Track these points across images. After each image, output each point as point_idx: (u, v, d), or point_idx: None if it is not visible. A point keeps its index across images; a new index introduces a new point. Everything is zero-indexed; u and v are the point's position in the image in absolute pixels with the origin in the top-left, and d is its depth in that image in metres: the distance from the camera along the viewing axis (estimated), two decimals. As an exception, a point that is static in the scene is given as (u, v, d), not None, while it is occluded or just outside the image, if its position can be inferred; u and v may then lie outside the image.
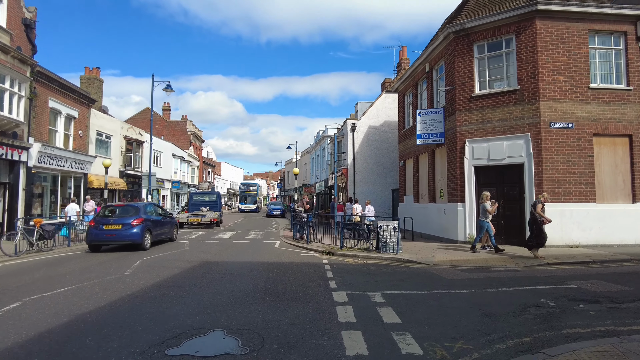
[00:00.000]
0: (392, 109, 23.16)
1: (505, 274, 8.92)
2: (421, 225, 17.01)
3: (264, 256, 11.89)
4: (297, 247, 14.30)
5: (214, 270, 9.37)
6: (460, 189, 14.01)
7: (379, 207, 23.14)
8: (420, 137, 15.58)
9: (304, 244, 14.55)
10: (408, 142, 19.49)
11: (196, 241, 16.12)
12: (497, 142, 13.34)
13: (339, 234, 13.44)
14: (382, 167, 23.20)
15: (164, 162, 37.09)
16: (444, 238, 14.95)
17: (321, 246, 13.83)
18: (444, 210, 15.07)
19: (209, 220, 23.16)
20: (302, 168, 48.98)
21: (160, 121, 53.52)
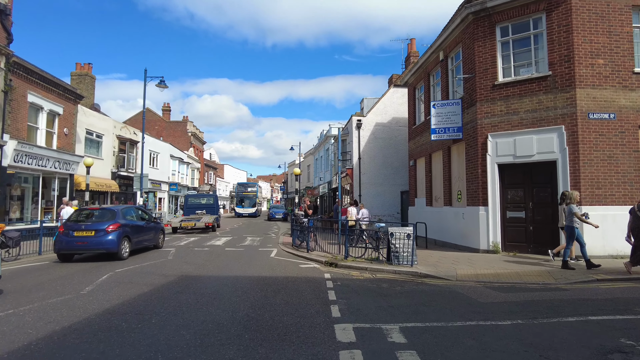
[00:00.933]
0: (401, 104, 21.48)
1: (549, 294, 7.18)
2: (435, 231, 15.27)
3: (256, 268, 10.21)
4: (296, 257, 12.62)
5: (190, 288, 7.70)
6: (482, 191, 12.28)
7: (386, 210, 21.44)
8: (435, 132, 13.86)
9: (304, 253, 12.88)
10: (419, 139, 17.78)
11: (184, 249, 14.48)
12: (524, 137, 11.61)
13: (343, 241, 11.74)
14: (390, 168, 21.51)
15: (161, 164, 35.60)
16: (462, 246, 13.20)
17: (323, 255, 12.15)
18: (462, 215, 13.33)
19: (203, 225, 21.55)
20: (306, 170, 47.32)
21: (160, 122, 52.23)
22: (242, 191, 50.38)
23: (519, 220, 11.83)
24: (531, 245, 11.61)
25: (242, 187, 51.50)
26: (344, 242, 11.69)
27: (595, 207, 10.68)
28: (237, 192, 50.95)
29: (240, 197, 49.40)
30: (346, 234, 11.68)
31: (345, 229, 11.87)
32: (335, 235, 13.96)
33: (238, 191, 50.93)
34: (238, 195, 50.15)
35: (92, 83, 28.02)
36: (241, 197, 49.17)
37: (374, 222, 14.55)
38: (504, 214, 12.06)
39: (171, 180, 37.90)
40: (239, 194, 49.93)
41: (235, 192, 52.81)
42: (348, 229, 12.67)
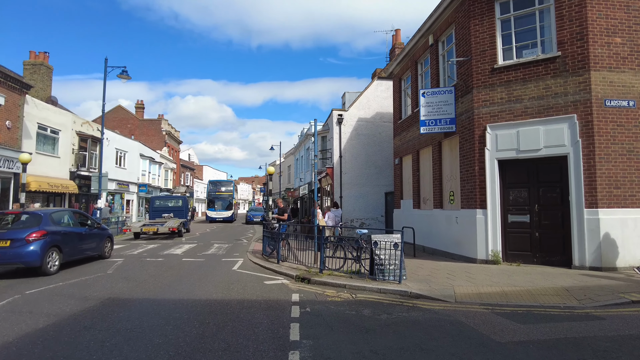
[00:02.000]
0: (386, 98, 19.79)
1: (584, 326, 5.44)
2: (424, 237, 13.55)
3: (208, 287, 8.25)
4: (263, 269, 10.70)
5: (106, 320, 5.72)
6: (479, 191, 10.58)
7: (369, 213, 19.68)
8: (425, 125, 12.14)
9: (274, 264, 11.00)
10: (406, 134, 16.06)
11: (134, 259, 12.38)
12: (529, 128, 9.96)
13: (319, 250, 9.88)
14: (373, 167, 19.77)
15: (129, 163, 33.15)
16: (456, 255, 11.49)
17: (296, 268, 10.29)
18: (456, 219, 11.62)
19: (167, 230, 19.37)
20: (286, 171, 45.37)
21: (133, 120, 49.55)
22: (214, 191, 41.85)
23: (522, 226, 10.17)
24: (537, 254, 9.95)
25: (214, 186, 42.60)
26: (319, 252, 9.82)
27: (614, 210, 9.08)
28: (209, 192, 42.08)
29: (212, 198, 41.24)
30: (322, 243, 9.81)
31: (320, 236, 9.99)
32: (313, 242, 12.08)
33: (210, 191, 42.09)
34: (210, 195, 41.65)
35: (49, 74, 25.54)
36: (213, 198, 41.07)
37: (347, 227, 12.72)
38: (505, 218, 10.39)
39: (141, 181, 35.42)
40: (211, 194, 41.52)
41: (207, 192, 43.24)
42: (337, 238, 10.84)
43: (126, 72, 21.33)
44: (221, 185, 42.60)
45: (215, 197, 40.89)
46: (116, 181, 30.63)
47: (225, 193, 41.31)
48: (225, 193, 41.33)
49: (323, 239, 9.87)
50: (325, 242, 10.23)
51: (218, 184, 43.03)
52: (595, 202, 9.10)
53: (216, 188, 41.90)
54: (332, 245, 10.47)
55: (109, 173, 29.24)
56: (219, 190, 41.42)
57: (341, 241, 10.28)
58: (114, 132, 36.27)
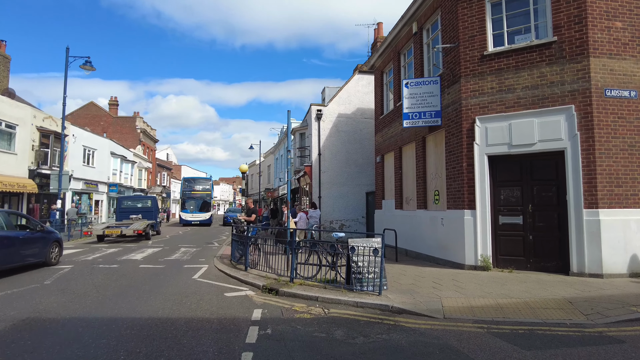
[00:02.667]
0: (367, 93, 18.81)
1: (602, 351, 4.46)
2: (407, 240, 12.57)
3: (157, 301, 7.03)
4: (228, 278, 9.53)
5: (4, 352, 4.47)
6: (467, 190, 9.63)
7: (350, 214, 18.63)
8: (408, 118, 11.14)
9: (241, 272, 9.83)
10: (387, 130, 15.08)
11: (85, 266, 11.01)
12: (523, 120, 9.05)
13: (290, 257, 8.74)
14: (354, 165, 18.75)
15: (99, 162, 31.36)
16: (441, 260, 10.51)
17: (264, 276, 9.15)
18: (441, 221, 10.65)
19: (132, 232, 17.90)
20: (266, 170, 44.07)
21: (106, 117, 47.42)
22: (189, 189, 36.20)
23: (515, 228, 9.25)
24: (531, 259, 9.03)
25: (189, 185, 36.98)
26: (290, 258, 8.69)
27: (615, 211, 8.23)
28: (183, 192, 36.28)
29: (186, 198, 35.46)
30: (292, 248, 8.67)
31: (292, 241, 8.84)
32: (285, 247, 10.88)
33: (184, 190, 36.38)
34: (184, 195, 35.88)
35: (5, 64, 23.72)
36: (188, 198, 35.42)
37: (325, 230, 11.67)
38: (496, 219, 9.46)
39: (112, 180, 33.63)
40: (186, 194, 35.81)
41: (181, 192, 37.47)
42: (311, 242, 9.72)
43: (90, 63, 19.87)
44: (196, 183, 37.43)
45: (190, 197, 35.49)
46: (83, 180, 28.86)
47: (201, 192, 35.89)
48: (202, 192, 35.93)
49: (294, 243, 8.72)
50: (298, 247, 9.09)
51: (193, 182, 37.81)
52: (595, 201, 8.23)
53: (191, 186, 36.77)
54: (306, 250, 9.33)
55: (75, 172, 27.59)
56: (194, 189, 36.22)
57: (315, 246, 9.15)
58: (84, 128, 34.42)
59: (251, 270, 9.93)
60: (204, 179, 39.30)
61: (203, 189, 36.44)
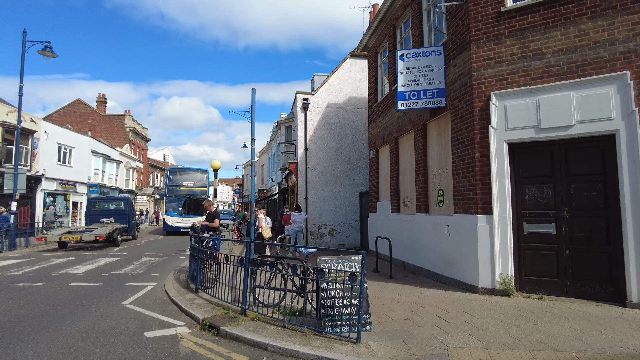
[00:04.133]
0: (361, 80, 16.54)
1: None
2: (404, 250, 10.32)
3: (30, 353, 4.79)
4: (169, 304, 7.38)
5: None
6: (480, 189, 7.34)
7: (341, 218, 16.35)
8: (404, 98, 8.86)
9: (192, 293, 7.67)
10: (382, 120, 12.81)
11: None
12: (555, 95, 6.76)
13: (243, 282, 6.47)
14: (346, 162, 16.48)
15: (77, 161, 29.19)
16: (447, 278, 8.22)
17: (215, 304, 6.97)
18: (447, 228, 8.36)
19: (92, 238, 15.69)
20: (260, 171, 41.86)
21: (94, 115, 45.39)
22: (175, 184, 26.85)
23: (545, 239, 6.95)
24: (569, 282, 6.72)
25: (175, 177, 27.40)
26: (242, 282, 6.42)
27: (690, 217, 5.91)
28: (169, 187, 26.90)
29: (172, 196, 26.54)
30: (247, 268, 6.38)
31: (246, 258, 6.54)
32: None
33: (169, 184, 26.98)
34: (169, 191, 26.74)
35: (-35, 53, 21.52)
36: (174, 196, 26.48)
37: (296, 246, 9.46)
38: (520, 227, 7.16)
39: (93, 180, 31.47)
40: (173, 190, 26.68)
41: (166, 188, 27.55)
42: (255, 257, 7.46)
43: (50, 49, 17.72)
44: (185, 176, 27.46)
45: (176, 195, 26.45)
46: (58, 180, 26.71)
47: (192, 187, 26.62)
48: (194, 187, 26.63)
49: (249, 260, 6.44)
50: (260, 264, 6.79)
51: (180, 174, 27.80)
52: (662, 205, 5.92)
53: (178, 180, 27.08)
54: (270, 267, 7.04)
55: (47, 171, 25.45)
56: (182, 184, 26.78)
57: (274, 265, 6.86)
58: (66, 127, 32.31)
59: (201, 294, 7.73)
60: (196, 170, 28.16)
61: (195, 184, 26.71)
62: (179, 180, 27.31)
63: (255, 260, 6.60)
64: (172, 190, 26.92)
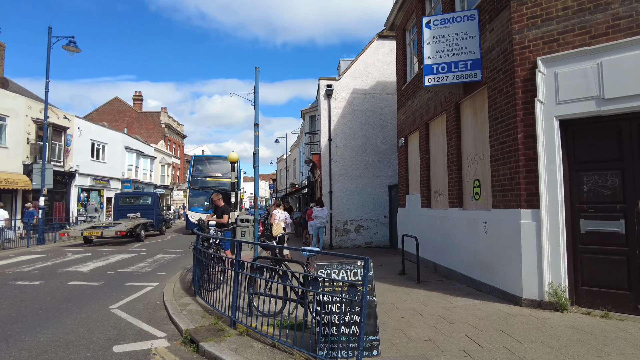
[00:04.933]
0: (389, 63, 15.19)
1: None
2: (436, 250, 9.05)
3: None
4: (159, 309, 6.59)
5: None
6: (524, 177, 5.97)
7: (368, 213, 15.13)
8: (431, 72, 7.55)
9: (189, 297, 6.87)
10: (412, 103, 11.49)
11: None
12: (624, 56, 5.27)
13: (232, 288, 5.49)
14: (373, 152, 15.21)
15: (110, 157, 29.65)
16: (483, 285, 6.89)
17: (208, 311, 6.16)
18: (484, 226, 7.00)
19: (113, 234, 15.42)
20: (292, 165, 41.18)
21: (131, 112, 46.44)
22: (201, 174, 23.56)
23: (610, 240, 5.48)
24: (645, 297, 5.24)
25: (202, 166, 24.08)
26: (232, 290, 5.45)
27: None
28: (193, 177, 23.51)
29: (197, 189, 23.11)
30: (236, 272, 5.40)
31: (235, 260, 5.56)
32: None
33: (193, 175, 23.57)
34: (193, 183, 23.33)
35: (0, 52, 22.09)
36: (199, 189, 23.02)
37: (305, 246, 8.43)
38: (576, 225, 5.73)
39: (127, 176, 31.94)
40: (197, 181, 23.34)
41: (189, 178, 24.04)
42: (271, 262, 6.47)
43: (74, 44, 17.66)
44: (213, 165, 23.85)
45: (202, 187, 22.89)
46: (92, 176, 27.17)
47: (223, 179, 22.56)
48: (224, 179, 22.27)
49: (237, 263, 5.44)
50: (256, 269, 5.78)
51: (207, 163, 24.35)
52: None
53: (204, 170, 23.72)
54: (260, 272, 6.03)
55: (81, 167, 25.88)
56: (209, 174, 23.37)
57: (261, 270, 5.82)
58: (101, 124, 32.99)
59: (199, 298, 6.85)
60: (225, 159, 21.35)
61: (225, 175, 22.24)
62: (205, 170, 23.80)
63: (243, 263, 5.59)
64: (196, 182, 23.28)
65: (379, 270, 9.71)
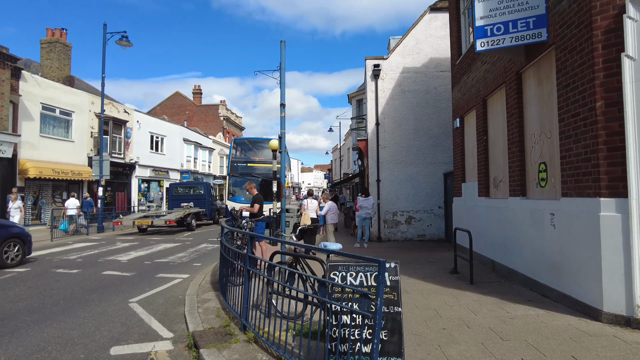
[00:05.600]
0: (443, 37, 13.73)
1: None
2: (495, 246, 7.86)
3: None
4: (178, 306, 6.15)
5: None
6: (606, 156, 4.67)
7: (420, 204, 13.92)
8: (484, 35, 6.33)
9: (214, 292, 6.37)
10: (467, 79, 10.15)
11: (43, 269, 8.50)
12: None
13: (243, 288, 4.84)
14: (426, 137, 13.88)
15: (169, 148, 30.73)
16: (550, 290, 5.66)
17: (225, 311, 5.55)
18: (551, 219, 5.73)
19: (162, 223, 15.64)
20: (346, 154, 40.32)
21: (191, 106, 48.09)
22: (242, 159, 21.00)
23: None
24: None
25: (242, 151, 21.49)
26: (243, 287, 4.81)
27: None
28: (232, 163, 20.91)
29: (237, 176, 20.49)
30: (247, 268, 4.73)
31: (248, 257, 4.89)
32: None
33: (234, 160, 20.94)
34: (234, 169, 20.72)
35: (66, 52, 23.41)
36: (240, 175, 20.32)
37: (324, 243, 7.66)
38: (679, 218, 4.35)
39: (185, 167, 33.02)
40: (237, 167, 20.72)
41: (229, 164, 21.41)
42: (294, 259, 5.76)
43: (126, 38, 18.10)
44: (258, 148, 21.15)
45: (243, 173, 20.14)
46: (151, 167, 28.29)
47: (267, 164, 18.94)
48: (267, 164, 18.92)
49: (250, 259, 4.77)
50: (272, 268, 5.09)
51: (249, 147, 21.63)
52: None
53: (245, 155, 21.22)
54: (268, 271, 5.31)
55: (141, 159, 27.00)
56: (250, 160, 20.71)
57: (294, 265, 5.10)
58: (162, 118, 34.37)
59: (220, 294, 6.35)
60: (265, 140, 20.65)
61: (269, 160, 17.42)
62: (245, 155, 21.24)
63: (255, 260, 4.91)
64: (236, 168, 20.49)
65: (428, 267, 8.68)
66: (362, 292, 3.15)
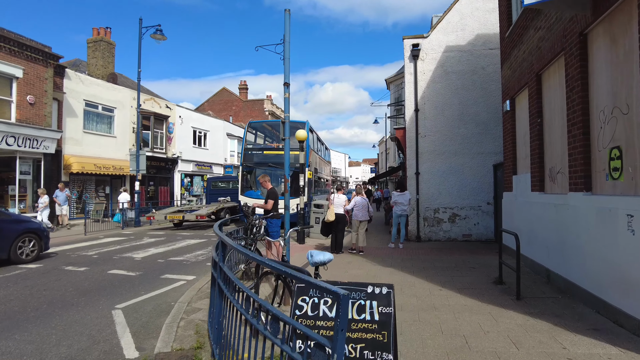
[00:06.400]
0: (492, 11, 12.01)
1: None
2: (549, 252, 6.43)
3: None
4: (166, 315, 5.33)
5: None
6: None
7: (466, 199, 12.35)
8: (536, -17, 4.90)
9: (207, 302, 5.53)
10: (517, 52, 8.59)
11: (54, 266, 8.20)
12: None
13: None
14: (473, 123, 12.24)
15: (212, 143, 30.87)
16: (625, 315, 4.22)
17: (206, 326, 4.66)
18: (629, 220, 4.27)
19: (194, 218, 15.29)
20: (392, 147, 38.62)
21: (237, 101, 48.53)
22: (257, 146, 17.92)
23: None
24: None
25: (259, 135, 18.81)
26: (215, 302, 3.90)
27: None
28: (246, 151, 17.02)
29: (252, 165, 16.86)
30: (217, 280, 3.82)
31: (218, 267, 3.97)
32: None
33: (247, 148, 17.16)
34: (248, 158, 16.90)
35: (110, 50, 23.91)
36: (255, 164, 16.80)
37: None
38: None
39: (230, 162, 33.11)
40: (250, 156, 16.94)
41: (242, 152, 17.36)
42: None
43: (161, 32, 17.98)
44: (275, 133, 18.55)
45: (259, 162, 16.72)
46: (194, 162, 28.50)
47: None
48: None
49: (221, 272, 3.85)
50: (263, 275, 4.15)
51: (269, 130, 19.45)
52: None
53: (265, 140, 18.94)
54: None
55: (183, 154, 27.25)
56: (267, 147, 17.68)
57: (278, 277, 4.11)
58: (206, 113, 34.72)
59: (213, 303, 5.51)
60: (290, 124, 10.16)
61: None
62: (265, 140, 18.40)
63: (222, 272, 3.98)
64: (250, 157, 16.87)
65: (468, 275, 7.34)
66: (317, 339, 2.05)
